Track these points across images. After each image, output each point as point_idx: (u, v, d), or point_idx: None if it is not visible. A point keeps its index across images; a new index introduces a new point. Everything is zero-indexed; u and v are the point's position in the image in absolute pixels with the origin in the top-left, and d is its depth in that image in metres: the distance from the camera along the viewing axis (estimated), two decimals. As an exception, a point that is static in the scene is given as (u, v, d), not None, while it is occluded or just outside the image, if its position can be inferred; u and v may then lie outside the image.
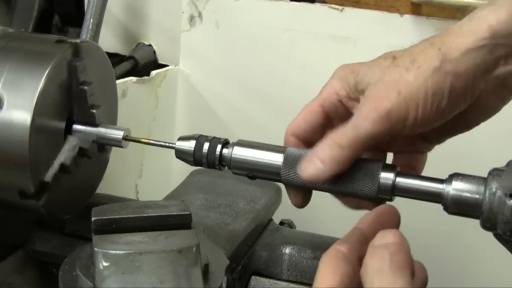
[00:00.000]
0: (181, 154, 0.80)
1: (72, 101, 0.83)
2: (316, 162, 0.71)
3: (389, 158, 0.81)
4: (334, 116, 0.77)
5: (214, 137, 0.79)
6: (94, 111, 0.84)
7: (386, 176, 0.72)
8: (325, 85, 0.77)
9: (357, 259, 0.58)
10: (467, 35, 0.70)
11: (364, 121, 0.70)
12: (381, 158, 0.79)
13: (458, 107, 0.72)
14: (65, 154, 0.82)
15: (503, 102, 0.75)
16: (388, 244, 0.55)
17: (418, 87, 0.69)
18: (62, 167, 0.81)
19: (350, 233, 0.61)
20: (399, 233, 0.56)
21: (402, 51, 0.73)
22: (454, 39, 0.71)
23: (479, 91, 0.72)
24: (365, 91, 0.72)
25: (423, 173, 0.74)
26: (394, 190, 0.72)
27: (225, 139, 0.79)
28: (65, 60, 0.80)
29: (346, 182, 0.72)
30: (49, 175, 0.80)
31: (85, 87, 0.82)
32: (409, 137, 0.77)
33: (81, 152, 0.83)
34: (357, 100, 0.74)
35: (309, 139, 0.77)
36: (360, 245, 0.59)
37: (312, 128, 0.77)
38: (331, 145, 0.71)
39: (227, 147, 0.78)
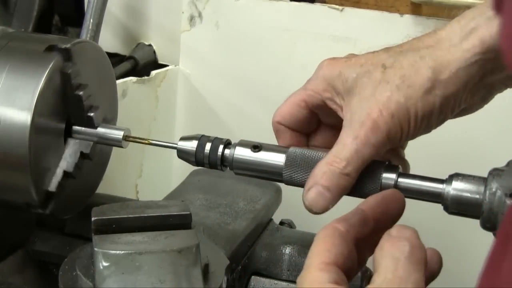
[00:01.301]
0: (183, 154, 0.80)
1: (69, 106, 0.83)
2: (324, 193, 0.72)
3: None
4: (318, 111, 0.79)
5: (216, 138, 0.79)
6: (92, 114, 0.83)
7: (388, 176, 0.72)
8: (310, 81, 0.78)
9: (354, 239, 0.58)
10: (458, 51, 0.70)
11: (365, 145, 0.71)
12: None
13: (446, 119, 0.74)
14: (67, 160, 0.83)
15: (485, 102, 0.76)
16: (408, 238, 0.54)
17: (409, 109, 0.70)
18: (66, 174, 0.82)
19: (351, 213, 0.60)
20: (415, 231, 0.56)
21: (392, 59, 0.73)
22: (444, 54, 0.71)
23: (466, 104, 0.73)
24: (352, 103, 0.73)
25: (422, 172, 0.74)
26: None
27: (227, 140, 0.79)
28: (60, 64, 0.80)
29: None
30: (53, 185, 0.81)
31: (80, 93, 0.81)
32: None
33: (83, 156, 0.84)
34: (340, 106, 0.75)
35: (295, 128, 0.79)
36: (360, 227, 0.59)
37: (297, 120, 0.79)
38: (336, 173, 0.71)
39: (229, 148, 0.78)
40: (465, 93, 0.72)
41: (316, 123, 0.81)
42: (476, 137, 1.24)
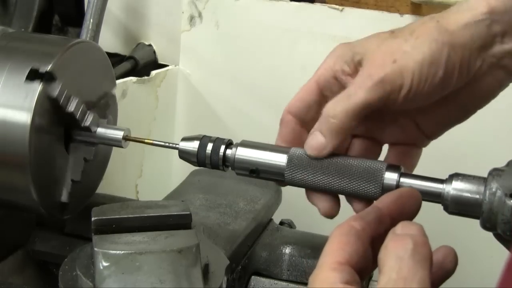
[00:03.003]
0: (184, 155, 0.80)
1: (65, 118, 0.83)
2: (318, 136, 0.72)
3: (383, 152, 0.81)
4: (328, 93, 0.76)
5: (218, 138, 0.79)
6: (88, 123, 0.83)
7: (391, 177, 0.72)
8: (322, 63, 0.77)
9: (370, 238, 0.57)
10: (466, 11, 0.71)
11: (357, 89, 0.70)
12: (377, 149, 0.79)
13: (453, 81, 0.71)
14: (72, 169, 0.84)
15: (500, 86, 0.75)
16: (412, 235, 0.54)
17: (414, 56, 0.69)
18: (74, 182, 0.84)
19: (367, 211, 0.59)
20: (421, 227, 0.55)
21: (402, 27, 0.74)
22: (453, 14, 0.72)
23: (475, 68, 0.72)
24: (362, 62, 0.72)
25: (422, 172, 0.74)
26: None
27: (229, 140, 0.79)
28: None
29: (350, 182, 0.73)
30: (65, 196, 0.83)
31: (72, 109, 0.80)
32: (403, 126, 0.78)
33: (85, 160, 0.86)
34: (352, 75, 0.73)
35: (305, 117, 0.77)
36: (375, 225, 0.58)
37: (307, 106, 0.77)
38: (327, 117, 0.71)
39: (231, 148, 0.78)
40: (474, 52, 0.71)
41: None
42: (476, 137, 1.24)
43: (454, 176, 0.70)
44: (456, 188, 0.69)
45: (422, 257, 0.52)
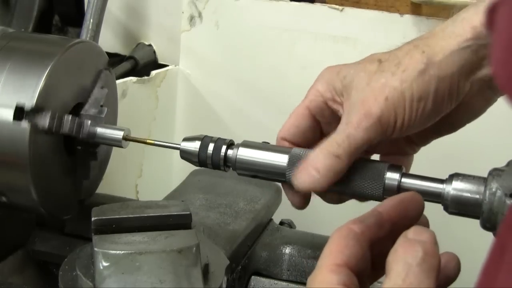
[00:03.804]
0: (186, 155, 0.80)
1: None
2: (312, 172, 0.72)
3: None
4: (320, 118, 0.78)
5: (219, 138, 0.79)
6: (85, 134, 0.83)
7: (392, 177, 0.72)
8: (311, 88, 0.78)
9: (369, 241, 0.57)
10: (451, 37, 0.71)
11: (356, 129, 0.71)
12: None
13: (443, 109, 0.72)
14: (81, 168, 0.86)
15: (488, 103, 0.76)
16: (423, 242, 0.53)
17: (403, 92, 0.70)
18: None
19: (368, 214, 0.59)
20: (433, 235, 0.54)
21: (387, 54, 0.73)
22: (437, 41, 0.71)
23: (464, 93, 0.72)
24: (351, 96, 0.73)
25: (422, 172, 0.74)
26: (399, 191, 0.72)
27: (230, 140, 0.79)
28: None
29: (351, 182, 0.73)
30: (82, 192, 0.86)
31: (66, 131, 0.81)
32: (395, 140, 0.78)
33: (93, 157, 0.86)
34: (341, 104, 0.74)
35: (299, 143, 0.78)
36: (375, 229, 0.58)
37: (301, 132, 0.78)
38: (326, 155, 0.71)
39: (232, 148, 0.78)
40: (461, 79, 0.71)
41: (319, 134, 0.81)
42: (476, 137, 1.24)
43: (454, 176, 0.70)
44: (456, 188, 0.69)
45: (430, 267, 0.52)
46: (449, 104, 0.72)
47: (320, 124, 0.79)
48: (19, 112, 0.76)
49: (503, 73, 0.38)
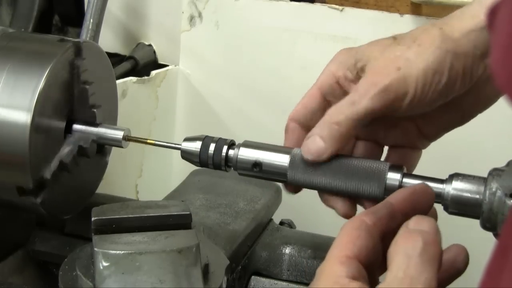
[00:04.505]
0: (187, 155, 0.80)
1: (72, 100, 0.83)
2: (317, 141, 0.71)
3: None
4: (331, 98, 0.76)
5: (220, 138, 0.79)
6: (94, 110, 0.84)
7: (393, 177, 0.72)
8: (324, 69, 0.77)
9: (380, 233, 0.56)
10: (469, 18, 0.71)
11: (361, 96, 0.70)
12: (378, 151, 0.79)
13: (456, 89, 0.71)
14: (65, 151, 0.82)
15: (499, 93, 0.74)
16: (424, 232, 0.53)
17: (418, 64, 0.69)
18: (61, 165, 0.81)
19: (379, 206, 0.59)
20: (435, 223, 0.54)
21: (404, 34, 0.73)
22: (455, 21, 0.71)
23: (477, 75, 0.72)
24: (364, 68, 0.72)
25: (422, 172, 0.74)
26: None
27: (231, 140, 0.79)
28: (67, 59, 0.80)
29: (353, 182, 0.72)
30: (48, 172, 0.80)
31: (87, 86, 0.82)
32: (405, 130, 0.78)
33: (81, 152, 0.84)
34: (354, 81, 0.73)
35: (309, 123, 0.77)
36: (387, 221, 0.57)
37: (311, 112, 0.77)
38: (329, 123, 0.71)
39: (233, 148, 0.78)
40: (476, 59, 0.71)
41: None
42: (476, 137, 1.24)
43: (454, 176, 0.70)
44: (456, 188, 0.69)
45: (431, 256, 0.52)
46: (462, 84, 0.71)
47: (331, 105, 0.77)
48: (62, 39, 0.80)
49: (503, 73, 0.39)
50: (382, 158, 0.80)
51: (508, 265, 0.41)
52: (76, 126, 0.84)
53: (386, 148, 0.81)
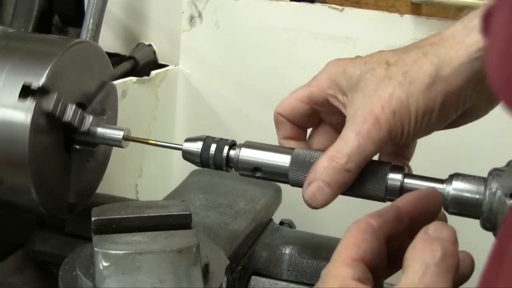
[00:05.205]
0: (188, 156, 0.80)
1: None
2: (324, 189, 0.72)
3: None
4: (320, 109, 0.79)
5: (221, 139, 0.79)
6: (87, 129, 0.83)
7: (395, 177, 0.72)
8: (315, 78, 0.78)
9: (386, 236, 0.56)
10: (461, 48, 0.70)
11: (366, 140, 0.71)
12: None
13: (449, 119, 0.73)
14: (76, 170, 0.85)
15: (492, 106, 0.76)
16: (443, 241, 0.52)
17: (409, 106, 0.70)
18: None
19: (386, 209, 0.58)
20: (454, 233, 0.54)
21: (396, 56, 0.73)
22: (447, 51, 0.71)
23: (471, 102, 0.73)
24: (356, 99, 0.73)
25: (422, 172, 0.74)
26: (401, 191, 0.72)
27: (232, 141, 0.79)
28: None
29: (354, 183, 0.73)
30: (72, 196, 0.84)
31: (69, 119, 0.80)
32: None
33: (81, 151, 0.85)
34: (343, 103, 0.75)
35: (295, 121, 0.80)
36: (393, 224, 0.57)
37: (296, 115, 0.79)
38: (338, 168, 0.71)
39: (234, 149, 0.78)
40: (469, 90, 0.71)
41: (317, 120, 0.81)
42: (476, 137, 1.23)
43: (454, 176, 0.70)
44: (456, 188, 0.69)
45: (448, 267, 0.51)
46: (454, 114, 0.73)
47: (318, 113, 0.80)
48: (25, 91, 0.76)
49: (499, 77, 0.38)
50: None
51: (504, 271, 0.41)
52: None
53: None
